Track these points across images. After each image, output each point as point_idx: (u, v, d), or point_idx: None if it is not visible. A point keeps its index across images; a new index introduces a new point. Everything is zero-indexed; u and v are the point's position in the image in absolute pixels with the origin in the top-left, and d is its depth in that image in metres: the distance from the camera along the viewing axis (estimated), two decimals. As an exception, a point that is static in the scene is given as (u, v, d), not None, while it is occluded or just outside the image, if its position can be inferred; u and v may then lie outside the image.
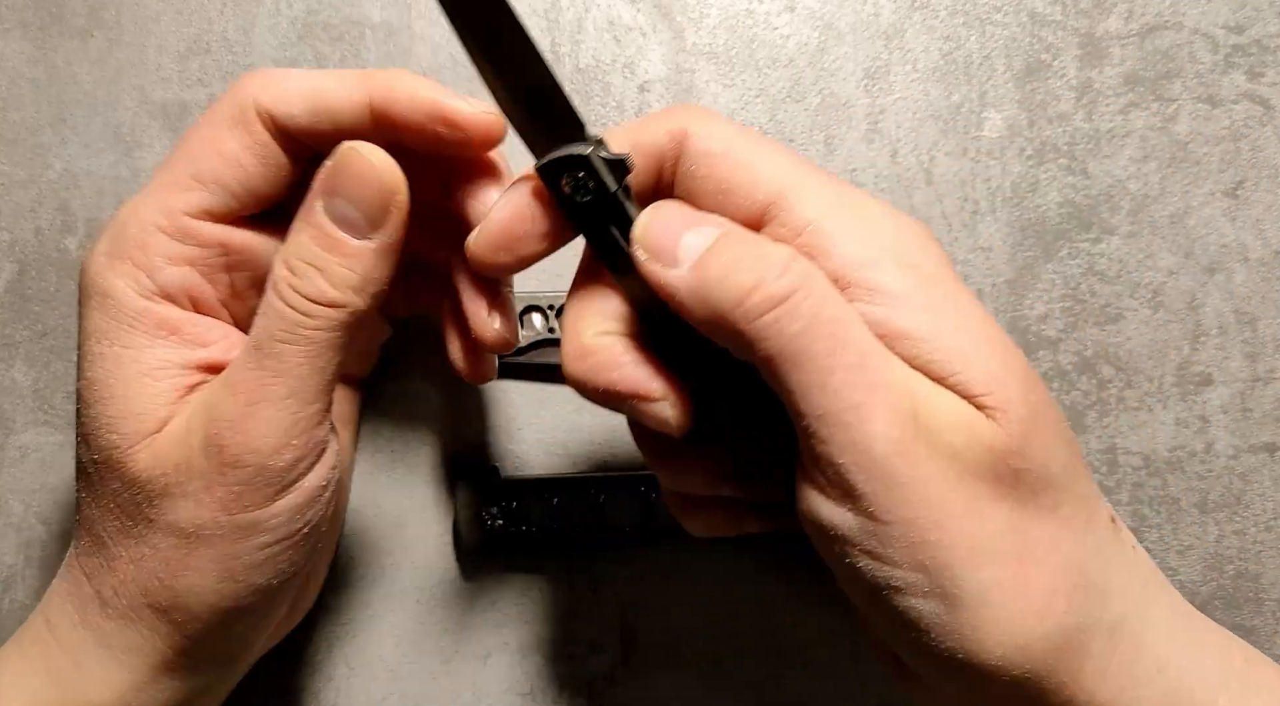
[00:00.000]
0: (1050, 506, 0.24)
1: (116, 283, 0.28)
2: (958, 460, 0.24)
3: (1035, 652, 0.24)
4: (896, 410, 0.23)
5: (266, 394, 0.27)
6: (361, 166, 0.27)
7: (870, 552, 0.24)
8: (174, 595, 0.28)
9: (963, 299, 0.25)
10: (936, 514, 0.23)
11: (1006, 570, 0.23)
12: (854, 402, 0.23)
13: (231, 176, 0.29)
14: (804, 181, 0.26)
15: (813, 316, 0.24)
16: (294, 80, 0.29)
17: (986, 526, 0.24)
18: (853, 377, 0.23)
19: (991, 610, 0.23)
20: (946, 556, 0.23)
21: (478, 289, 0.32)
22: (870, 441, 0.23)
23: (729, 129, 0.27)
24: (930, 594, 0.24)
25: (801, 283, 0.24)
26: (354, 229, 0.27)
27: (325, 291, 0.27)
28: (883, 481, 0.23)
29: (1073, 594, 0.24)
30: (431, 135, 0.28)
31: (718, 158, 0.26)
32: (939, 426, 0.24)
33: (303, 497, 0.28)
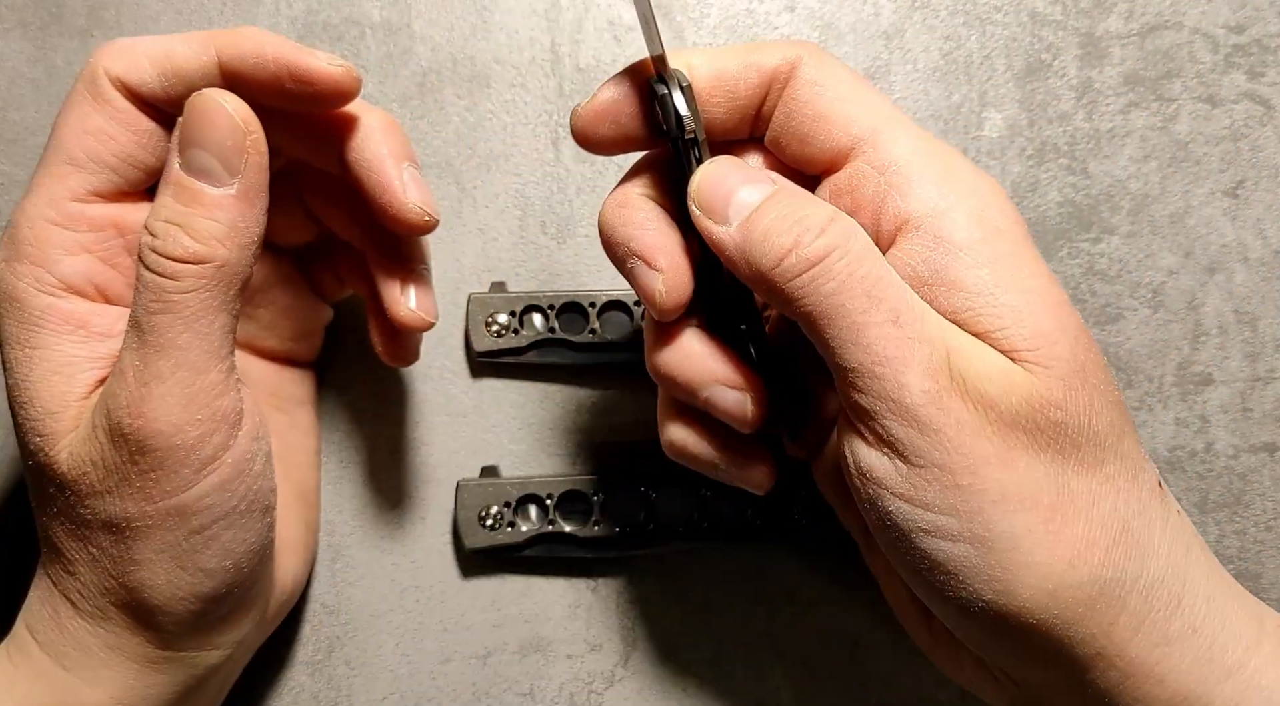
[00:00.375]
0: (1093, 462, 0.25)
1: (18, 284, 0.28)
2: (993, 409, 0.24)
3: (1065, 600, 0.24)
4: (929, 362, 0.24)
5: (153, 371, 0.26)
6: (211, 110, 0.27)
7: (904, 496, 0.25)
8: (130, 592, 0.28)
9: (1026, 257, 0.26)
10: (969, 460, 0.24)
11: (1038, 517, 0.24)
12: (887, 355, 0.24)
13: (105, 151, 0.28)
14: (896, 124, 0.27)
15: (847, 275, 0.25)
16: (143, 46, 0.28)
17: (1020, 474, 0.24)
18: (886, 332, 0.24)
19: (1021, 555, 0.24)
20: (978, 501, 0.24)
21: (390, 268, 0.32)
22: (903, 391, 0.24)
23: (838, 67, 0.28)
24: (961, 537, 0.24)
25: (838, 243, 0.25)
26: (212, 177, 0.27)
27: (189, 247, 0.26)
28: (916, 428, 0.24)
29: (1111, 548, 0.24)
30: (281, 90, 0.28)
31: (821, 88, 0.27)
32: (974, 377, 0.24)
33: (228, 473, 0.27)
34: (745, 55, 0.28)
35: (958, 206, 0.26)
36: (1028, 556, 0.24)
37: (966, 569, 0.24)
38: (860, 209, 0.27)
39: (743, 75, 0.28)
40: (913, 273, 0.26)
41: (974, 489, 0.24)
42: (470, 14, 0.40)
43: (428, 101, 0.39)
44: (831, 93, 0.27)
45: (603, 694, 0.38)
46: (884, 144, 0.27)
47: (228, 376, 0.27)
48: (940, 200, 0.26)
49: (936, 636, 0.30)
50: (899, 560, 0.26)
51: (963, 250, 0.25)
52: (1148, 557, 0.25)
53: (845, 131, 0.27)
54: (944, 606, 0.26)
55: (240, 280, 0.27)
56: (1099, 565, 0.24)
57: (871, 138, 0.27)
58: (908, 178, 0.26)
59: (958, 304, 0.25)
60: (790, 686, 0.38)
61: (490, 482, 0.37)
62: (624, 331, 0.38)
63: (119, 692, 0.28)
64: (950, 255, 0.25)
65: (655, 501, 0.37)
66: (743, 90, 0.28)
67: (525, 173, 0.39)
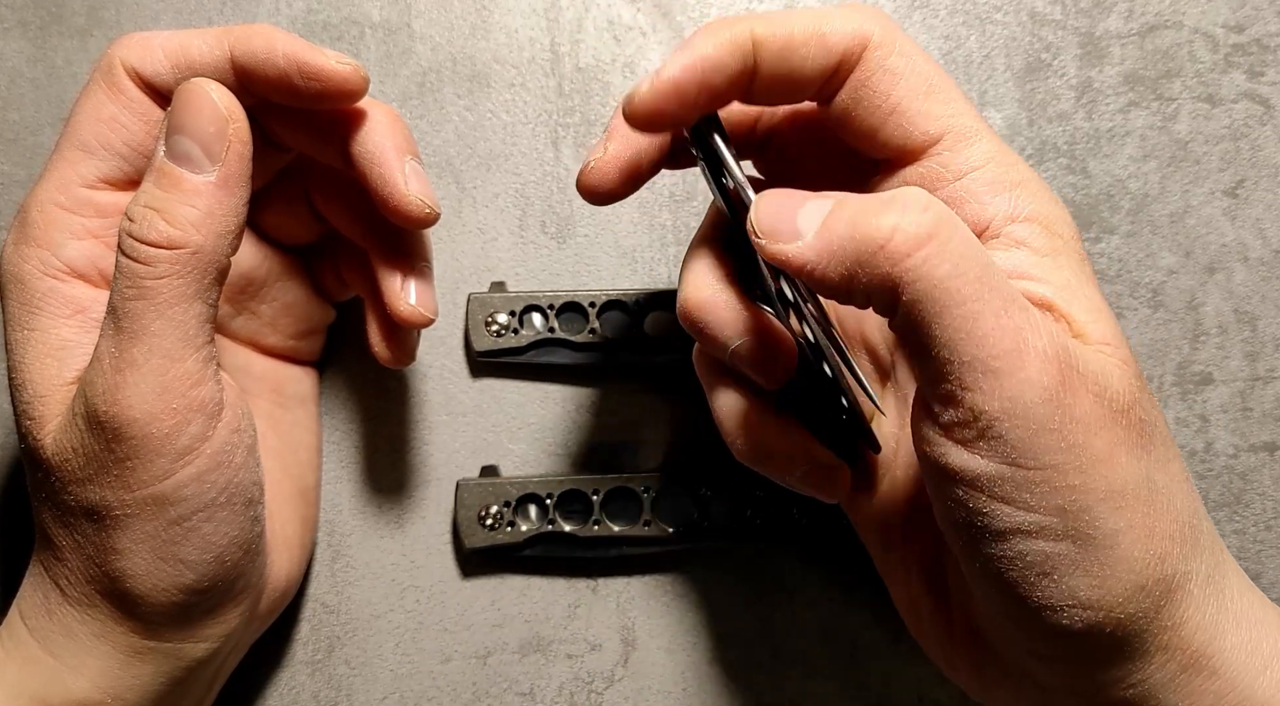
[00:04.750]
0: (1167, 458, 0.25)
1: (24, 266, 0.28)
2: (1100, 406, 0.24)
3: (1152, 593, 0.24)
4: (1047, 357, 0.23)
5: (128, 358, 0.26)
6: (196, 98, 0.27)
7: (1004, 498, 0.24)
8: (113, 581, 0.28)
9: (1088, 270, 0.27)
10: (1080, 459, 0.23)
11: (1137, 515, 0.24)
12: (1004, 349, 0.23)
13: (117, 139, 0.29)
14: (974, 128, 0.27)
15: (960, 257, 0.23)
16: (159, 39, 0.29)
17: (1122, 472, 0.24)
18: (1002, 322, 0.23)
19: (1121, 551, 0.24)
20: (1086, 499, 0.23)
21: (392, 264, 0.32)
22: (1022, 388, 0.23)
23: (913, 52, 0.27)
24: (1064, 536, 0.24)
25: (945, 219, 0.23)
26: (193, 164, 0.27)
27: (164, 231, 0.26)
28: (1033, 428, 0.23)
29: (1184, 543, 0.25)
30: (290, 87, 0.28)
31: (898, 78, 0.26)
32: (1087, 369, 0.24)
33: (206, 464, 0.27)
34: (813, 27, 0.26)
35: (1032, 218, 0.26)
36: (1128, 552, 0.24)
37: (1064, 567, 0.24)
38: None
39: (809, 54, 0.26)
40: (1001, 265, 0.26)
41: (1083, 488, 0.23)
42: (470, 14, 0.40)
43: (427, 101, 0.39)
44: (908, 84, 0.27)
45: (603, 693, 0.38)
46: (961, 148, 0.26)
47: (204, 366, 0.27)
48: (1018, 210, 0.26)
49: (957, 643, 0.29)
50: (978, 563, 0.25)
51: (1045, 255, 0.26)
52: (1203, 550, 0.25)
53: (921, 129, 0.27)
54: (1021, 608, 0.25)
55: (215, 269, 0.27)
56: (1179, 559, 0.24)
57: (948, 139, 0.26)
58: (987, 185, 0.26)
59: (1047, 294, 0.25)
60: (790, 686, 0.38)
61: (490, 482, 0.37)
62: (624, 331, 0.38)
63: (103, 682, 0.28)
64: (1034, 258, 0.26)
65: (655, 501, 0.37)
66: (809, 70, 0.27)
67: (525, 172, 0.39)
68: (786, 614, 0.38)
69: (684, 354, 0.38)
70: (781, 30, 0.26)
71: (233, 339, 0.35)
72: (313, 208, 0.34)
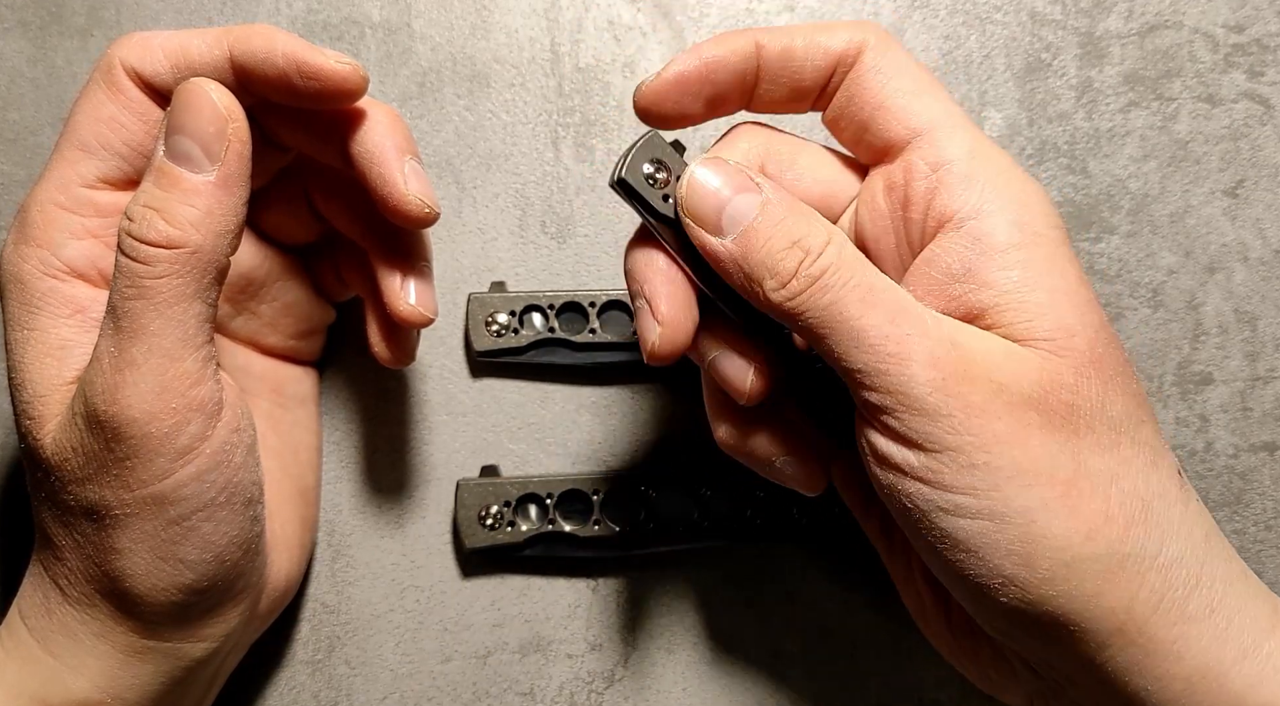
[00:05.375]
0: (1108, 444, 0.26)
1: (24, 266, 0.28)
2: (1003, 392, 0.25)
3: (1083, 572, 0.25)
4: (933, 353, 0.25)
5: (127, 358, 0.26)
6: (195, 98, 0.27)
7: (923, 479, 0.25)
8: (113, 580, 0.28)
9: (1059, 260, 0.27)
10: (981, 439, 0.25)
11: (1054, 491, 0.25)
12: (889, 352, 0.25)
13: (116, 138, 0.29)
14: (953, 123, 0.28)
15: (840, 285, 0.26)
16: (159, 39, 0.29)
17: (1035, 451, 0.25)
18: (885, 331, 0.25)
19: (1038, 527, 0.25)
20: (994, 478, 0.25)
21: (392, 263, 0.32)
22: (910, 383, 0.25)
23: (903, 57, 0.28)
24: (979, 514, 0.25)
25: (832, 259, 0.26)
26: (193, 163, 0.27)
27: (163, 231, 0.26)
28: (926, 416, 0.25)
29: (1131, 525, 0.25)
30: (290, 87, 0.29)
31: (885, 79, 0.28)
32: (982, 363, 0.25)
33: (205, 464, 0.27)
34: (812, 35, 0.28)
35: (1001, 210, 0.27)
36: (1044, 528, 0.24)
37: (985, 544, 0.25)
38: (910, 203, 0.28)
39: (809, 57, 0.28)
40: (945, 268, 0.27)
41: (989, 466, 0.25)
42: (470, 14, 0.40)
43: (428, 101, 0.39)
44: (895, 84, 0.28)
45: (603, 693, 0.38)
46: (940, 142, 0.27)
47: (204, 366, 0.27)
48: (985, 202, 0.27)
49: (956, 633, 0.30)
50: (920, 543, 0.27)
51: (998, 252, 0.26)
52: (1167, 537, 0.25)
53: (904, 124, 0.28)
54: (965, 587, 0.26)
55: (215, 268, 0.27)
56: (1117, 539, 0.25)
57: (928, 133, 0.27)
58: (958, 177, 0.27)
59: (985, 300, 0.26)
60: (790, 686, 0.38)
61: (490, 482, 0.37)
62: (624, 331, 0.38)
63: (103, 681, 0.28)
64: (985, 255, 0.26)
65: (655, 501, 0.37)
66: (809, 72, 0.28)
67: (525, 172, 0.39)
68: (786, 614, 0.38)
69: (684, 354, 0.38)
70: (784, 38, 0.28)
71: (233, 339, 0.35)
72: (313, 207, 0.34)
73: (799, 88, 0.29)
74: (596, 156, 0.40)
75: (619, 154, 0.28)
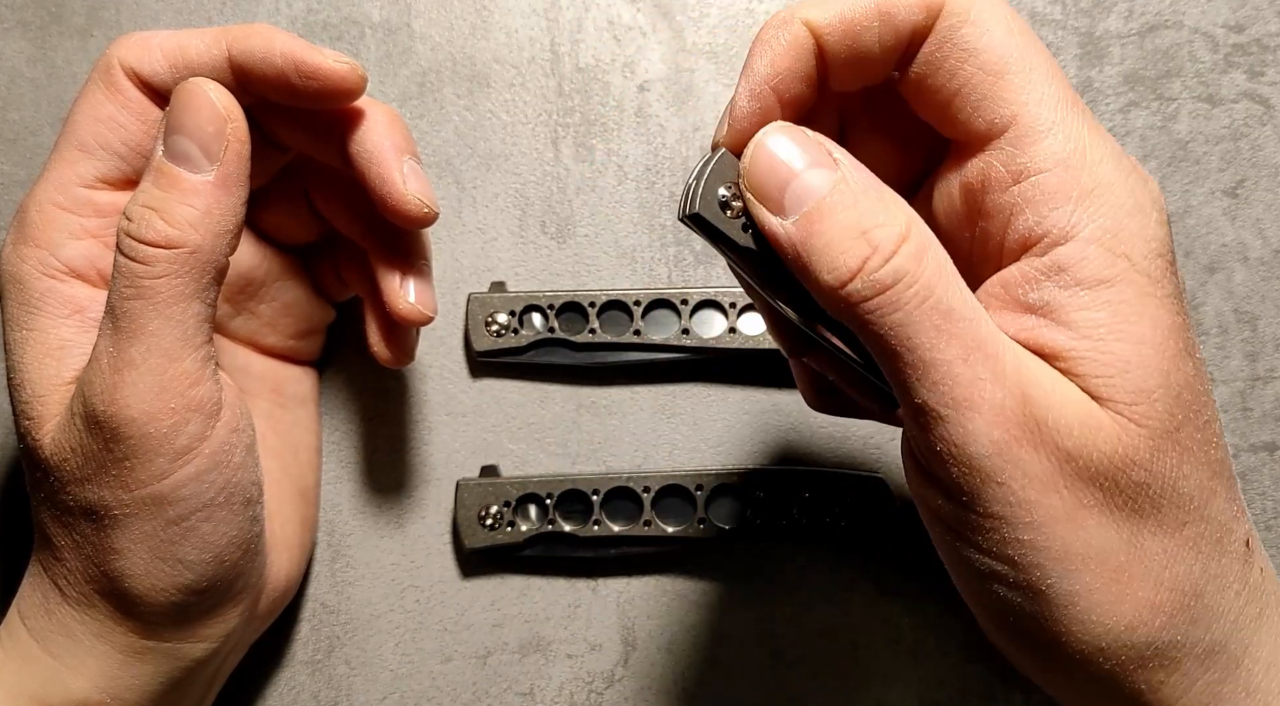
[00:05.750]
0: (1174, 524, 0.23)
1: (23, 266, 0.28)
2: (1070, 463, 0.22)
3: (1117, 657, 0.23)
4: (1001, 409, 0.22)
5: (126, 358, 0.26)
6: (194, 98, 0.27)
7: (962, 537, 0.24)
8: (111, 580, 0.28)
9: (1154, 300, 0.23)
10: (1033, 516, 0.22)
11: (1102, 579, 0.23)
12: (954, 398, 0.22)
13: (115, 138, 0.29)
14: (1045, 117, 0.23)
15: (916, 305, 0.22)
16: (158, 39, 0.29)
17: (1089, 534, 0.23)
18: (955, 372, 0.22)
19: (1077, 612, 0.23)
20: (1038, 558, 0.23)
21: (391, 262, 0.32)
22: (968, 439, 0.22)
23: (993, 22, 0.24)
24: (1016, 586, 0.23)
25: (909, 267, 0.22)
26: (192, 163, 0.27)
27: (162, 231, 0.26)
28: (979, 478, 0.22)
29: (1177, 614, 0.23)
30: (288, 86, 0.28)
31: (968, 55, 0.24)
32: (1053, 426, 0.22)
33: (204, 464, 0.27)
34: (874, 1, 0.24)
35: (1094, 236, 0.23)
36: (1085, 614, 0.23)
37: (1019, 613, 0.24)
38: (988, 215, 0.24)
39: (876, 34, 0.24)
40: (1024, 297, 0.24)
41: (1035, 545, 0.23)
42: (470, 14, 0.40)
43: (427, 101, 0.39)
44: (978, 62, 0.24)
45: (603, 693, 0.38)
46: (1027, 144, 0.23)
47: (203, 366, 0.27)
48: (1075, 227, 0.23)
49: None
50: (957, 582, 0.25)
51: (1082, 288, 0.23)
52: (1214, 622, 0.24)
53: (985, 117, 0.24)
54: (996, 635, 0.25)
55: (214, 268, 0.27)
56: (1160, 628, 0.23)
57: (1014, 131, 0.23)
58: (1046, 194, 0.23)
59: (1061, 343, 0.23)
60: (790, 686, 0.38)
61: (490, 482, 0.37)
62: (624, 331, 0.38)
63: (102, 681, 0.28)
64: (1069, 291, 0.23)
65: (655, 501, 0.37)
66: (878, 51, 0.24)
67: (525, 172, 0.39)
68: (787, 614, 0.38)
69: (684, 353, 0.38)
70: (837, 13, 0.24)
71: (232, 339, 0.35)
72: (312, 207, 0.34)
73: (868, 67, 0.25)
74: (596, 156, 0.40)
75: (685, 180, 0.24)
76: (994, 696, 0.37)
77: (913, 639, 0.38)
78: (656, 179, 0.40)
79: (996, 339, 0.23)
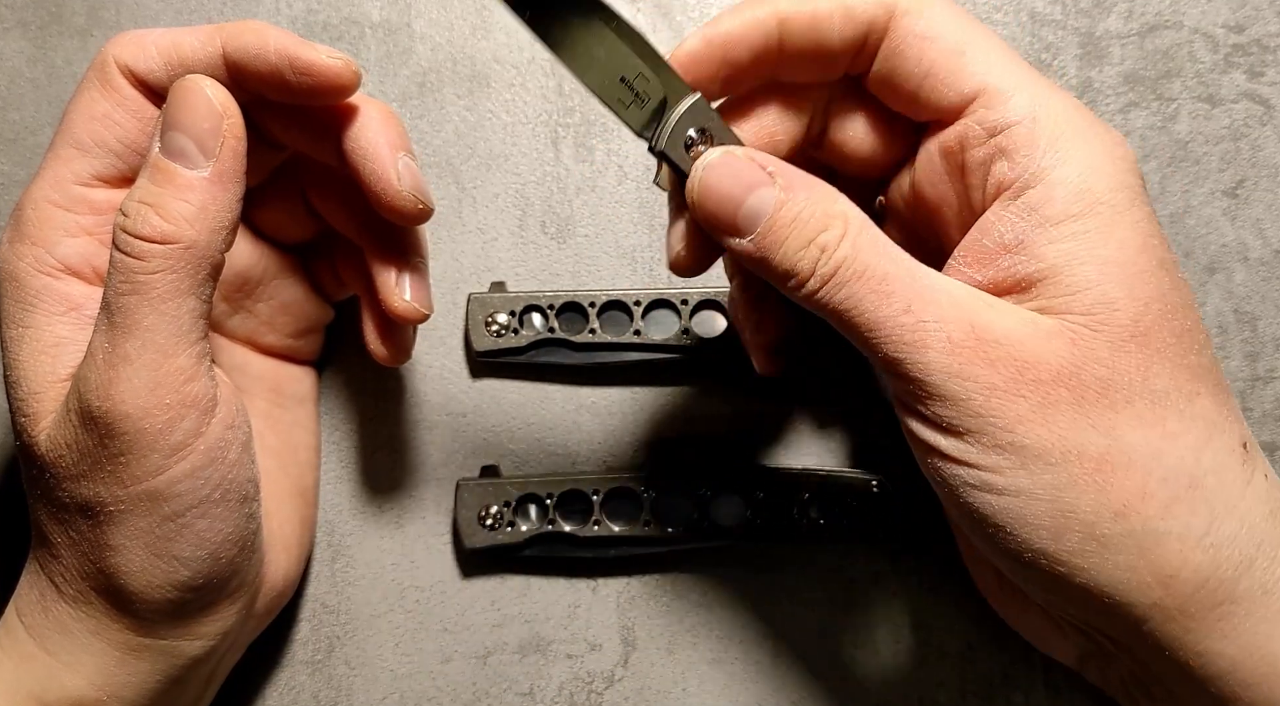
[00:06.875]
0: (1153, 419, 0.25)
1: (19, 264, 0.28)
2: (1026, 370, 0.25)
3: (1116, 549, 0.24)
4: (948, 339, 0.25)
5: (121, 353, 0.26)
6: (191, 95, 0.27)
7: (952, 458, 0.26)
8: (108, 577, 0.28)
9: (1119, 228, 0.26)
10: (1004, 420, 0.25)
11: (1083, 469, 0.24)
12: (904, 342, 0.25)
13: (110, 136, 0.29)
14: (1010, 80, 0.26)
15: (855, 280, 0.26)
16: (153, 37, 0.29)
17: (1062, 429, 0.25)
18: (900, 322, 0.25)
19: (1064, 504, 0.25)
20: (1019, 456, 0.25)
21: (387, 260, 0.32)
22: (926, 371, 0.25)
23: (944, 12, 0.27)
24: (1005, 491, 0.25)
25: (846, 253, 0.26)
26: (188, 160, 0.27)
27: (157, 226, 0.26)
28: (946, 401, 0.25)
29: (1172, 503, 0.24)
30: (283, 83, 0.29)
31: (927, 43, 0.27)
32: (1005, 342, 0.25)
33: (199, 460, 0.27)
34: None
35: (1062, 177, 0.26)
36: (1072, 504, 0.24)
37: (1013, 520, 0.25)
38: (968, 170, 0.27)
39: (836, 26, 0.27)
40: (998, 237, 0.26)
41: (1013, 446, 0.25)
42: (470, 14, 0.40)
43: (428, 101, 0.39)
44: (939, 47, 0.27)
45: (603, 694, 0.38)
46: (996, 103, 0.26)
47: (198, 362, 0.27)
48: (1044, 170, 0.26)
49: (1007, 592, 0.31)
50: (959, 516, 0.27)
51: (1052, 224, 0.25)
52: (1219, 515, 0.25)
53: (955, 89, 0.27)
54: (1002, 559, 0.27)
55: (209, 264, 0.27)
56: (1154, 517, 0.24)
57: (984, 96, 0.26)
58: (1017, 143, 0.26)
59: (1033, 274, 0.26)
60: (790, 686, 0.38)
61: (490, 482, 0.37)
62: (624, 331, 0.38)
63: (99, 679, 0.28)
64: (1039, 228, 0.26)
65: (655, 501, 0.37)
66: (836, 41, 0.27)
67: (525, 172, 0.39)
68: (787, 614, 0.38)
69: (684, 353, 0.38)
70: (808, 6, 0.27)
71: (230, 338, 0.35)
72: (308, 205, 0.34)
73: (827, 58, 0.28)
74: (596, 156, 0.40)
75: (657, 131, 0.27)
76: (994, 696, 0.37)
77: (913, 638, 0.38)
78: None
79: (933, 288, 0.26)
